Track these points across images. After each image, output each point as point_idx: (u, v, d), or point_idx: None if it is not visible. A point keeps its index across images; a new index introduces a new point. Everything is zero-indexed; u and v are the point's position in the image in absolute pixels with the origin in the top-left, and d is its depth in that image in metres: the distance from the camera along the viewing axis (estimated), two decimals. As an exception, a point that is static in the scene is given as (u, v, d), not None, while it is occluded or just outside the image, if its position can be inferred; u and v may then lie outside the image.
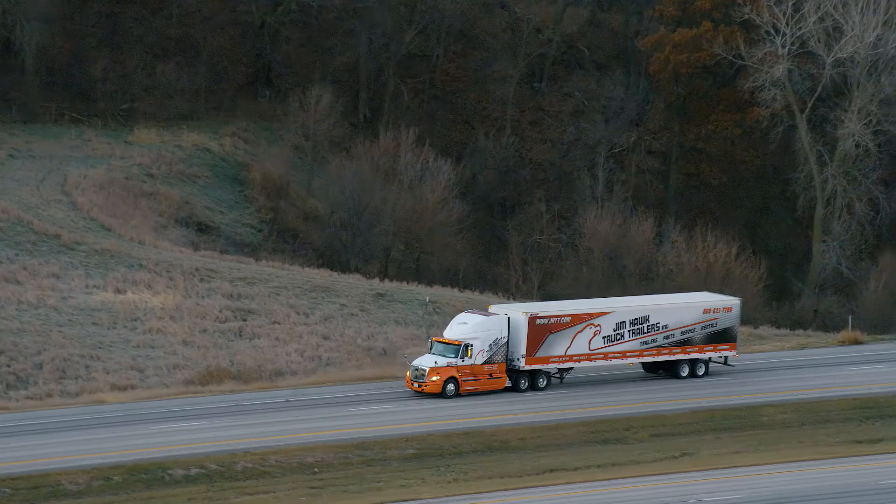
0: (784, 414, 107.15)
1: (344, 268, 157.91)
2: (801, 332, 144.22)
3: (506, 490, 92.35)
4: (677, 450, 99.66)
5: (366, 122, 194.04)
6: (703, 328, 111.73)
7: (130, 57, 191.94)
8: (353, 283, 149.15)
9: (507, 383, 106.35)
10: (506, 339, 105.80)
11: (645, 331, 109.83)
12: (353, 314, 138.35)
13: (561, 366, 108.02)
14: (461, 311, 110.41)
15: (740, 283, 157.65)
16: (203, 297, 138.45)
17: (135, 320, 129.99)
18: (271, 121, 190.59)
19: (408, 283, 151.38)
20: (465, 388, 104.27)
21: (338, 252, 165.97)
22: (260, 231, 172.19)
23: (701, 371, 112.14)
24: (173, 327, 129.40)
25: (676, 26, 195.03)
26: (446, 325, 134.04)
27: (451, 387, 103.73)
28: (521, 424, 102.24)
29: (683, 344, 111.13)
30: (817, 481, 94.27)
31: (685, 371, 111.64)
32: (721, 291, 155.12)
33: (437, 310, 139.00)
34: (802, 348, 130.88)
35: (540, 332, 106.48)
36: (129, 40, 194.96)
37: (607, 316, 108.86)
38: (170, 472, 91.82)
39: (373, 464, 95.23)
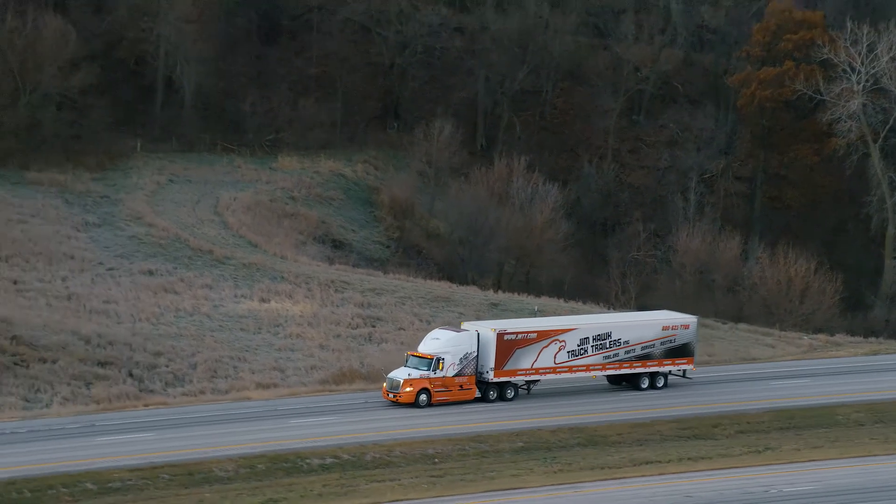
0: (858, 413, 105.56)
1: (462, 280, 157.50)
2: (873, 339, 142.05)
3: (606, 479, 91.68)
4: (760, 445, 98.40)
5: (482, 150, 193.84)
6: (662, 344, 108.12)
7: (276, 94, 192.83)
8: (470, 293, 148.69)
9: (477, 394, 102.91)
10: (475, 354, 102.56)
11: (607, 346, 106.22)
12: (467, 321, 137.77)
13: (528, 378, 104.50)
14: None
15: (818, 295, 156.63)
16: (337, 306, 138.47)
17: (277, 326, 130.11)
18: (398, 150, 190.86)
19: (518, 293, 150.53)
20: (436, 398, 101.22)
21: (456, 266, 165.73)
22: (388, 247, 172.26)
23: (660, 383, 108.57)
24: (311, 333, 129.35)
25: (761, 65, 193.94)
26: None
27: (423, 397, 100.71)
28: (619, 422, 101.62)
29: (644, 358, 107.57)
30: (887, 474, 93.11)
31: (645, 383, 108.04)
32: (801, 303, 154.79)
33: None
34: (874, 354, 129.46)
35: (508, 346, 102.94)
36: (274, 79, 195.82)
37: (572, 332, 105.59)
38: (307, 461, 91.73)
39: (486, 455, 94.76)
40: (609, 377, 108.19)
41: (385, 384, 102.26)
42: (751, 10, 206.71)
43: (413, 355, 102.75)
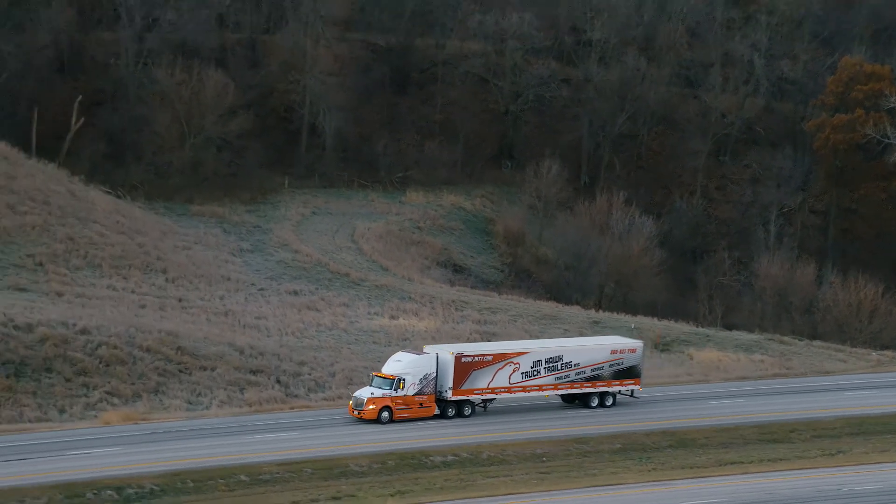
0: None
1: (567, 301, 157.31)
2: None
3: (695, 478, 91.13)
4: (833, 449, 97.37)
5: (585, 187, 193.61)
6: (610, 366, 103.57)
7: (405, 137, 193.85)
8: (574, 312, 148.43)
9: (437, 411, 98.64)
10: (434, 375, 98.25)
11: (559, 368, 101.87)
12: (574, 336, 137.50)
13: (484, 397, 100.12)
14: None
15: (885, 316, 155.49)
16: (457, 323, 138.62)
17: (405, 340, 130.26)
18: (512, 186, 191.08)
19: (617, 313, 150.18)
20: (398, 415, 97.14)
21: (562, 288, 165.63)
22: (502, 271, 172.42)
23: (609, 402, 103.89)
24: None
25: (835, 112, 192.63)
26: (649, 347, 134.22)
27: (385, 414, 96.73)
28: (706, 426, 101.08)
29: (593, 379, 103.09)
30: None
31: (595, 402, 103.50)
32: (869, 323, 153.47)
33: (640, 335, 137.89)
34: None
35: (465, 368, 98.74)
36: (404, 124, 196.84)
37: (526, 355, 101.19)
38: (431, 458, 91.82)
39: (588, 455, 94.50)
40: (562, 396, 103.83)
41: (351, 402, 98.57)
42: (825, 64, 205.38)
43: (377, 376, 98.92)
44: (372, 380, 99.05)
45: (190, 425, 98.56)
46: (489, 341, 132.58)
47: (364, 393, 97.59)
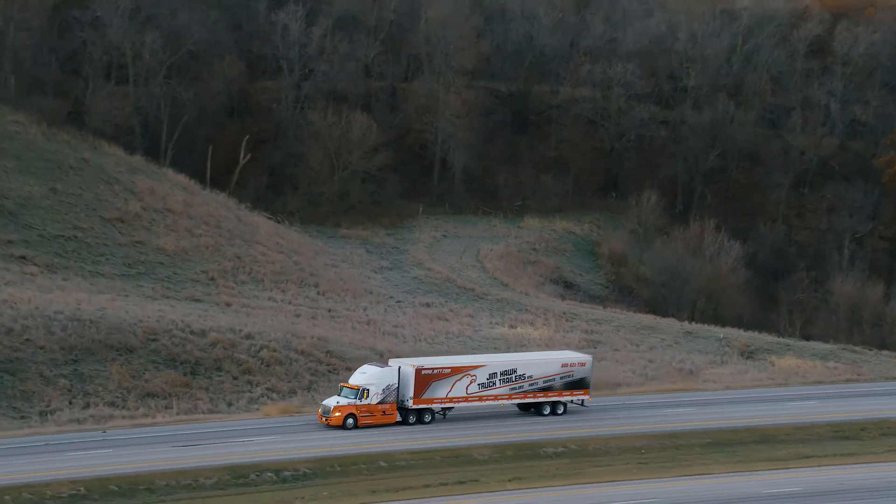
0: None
1: (664, 314, 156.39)
2: None
3: (776, 469, 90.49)
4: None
5: (680, 214, 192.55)
6: (561, 378, 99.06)
7: (523, 171, 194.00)
8: (670, 324, 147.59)
9: (399, 419, 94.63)
10: (396, 385, 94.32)
11: (513, 380, 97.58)
12: (669, 345, 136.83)
13: (443, 406, 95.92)
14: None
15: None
16: (567, 332, 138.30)
17: (522, 346, 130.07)
18: (616, 213, 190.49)
19: (707, 325, 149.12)
20: (362, 422, 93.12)
21: (659, 303, 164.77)
22: (606, 287, 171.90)
23: (560, 410, 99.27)
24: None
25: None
26: (735, 354, 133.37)
27: (350, 420, 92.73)
28: (785, 425, 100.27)
29: (546, 390, 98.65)
30: None
31: (547, 410, 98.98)
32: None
33: (728, 344, 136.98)
34: None
35: (425, 379, 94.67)
36: (522, 160, 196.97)
37: (482, 368, 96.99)
38: (544, 449, 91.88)
39: (681, 448, 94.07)
40: (518, 405, 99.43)
41: (320, 409, 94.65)
42: (893, 108, 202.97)
43: (344, 386, 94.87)
44: (340, 390, 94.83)
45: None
46: (595, 348, 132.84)
47: (331, 401, 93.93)
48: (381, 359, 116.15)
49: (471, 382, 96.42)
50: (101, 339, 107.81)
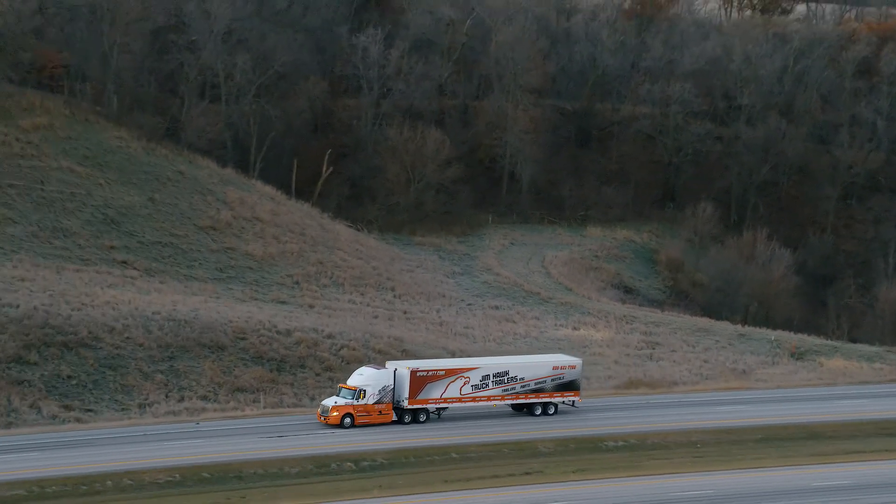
0: None
1: (718, 317, 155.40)
2: None
3: (824, 463, 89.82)
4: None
5: (734, 224, 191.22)
6: (552, 380, 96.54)
7: (586, 183, 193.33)
8: (724, 327, 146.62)
9: (394, 418, 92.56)
10: (392, 386, 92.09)
11: (506, 381, 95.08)
12: (723, 347, 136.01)
13: (437, 406, 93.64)
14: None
15: None
16: (627, 334, 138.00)
17: (584, 347, 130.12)
18: (673, 223, 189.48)
19: (759, 328, 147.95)
20: (359, 421, 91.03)
21: (714, 307, 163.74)
22: (664, 292, 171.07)
23: (551, 411, 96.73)
24: (608, 352, 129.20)
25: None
26: (786, 355, 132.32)
27: (347, 420, 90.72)
28: (833, 422, 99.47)
29: (537, 391, 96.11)
30: None
31: (538, 411, 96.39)
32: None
33: (779, 346, 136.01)
34: None
35: (420, 381, 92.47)
36: (585, 172, 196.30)
37: (475, 370, 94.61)
38: (605, 443, 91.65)
39: (735, 443, 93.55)
40: (511, 405, 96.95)
41: (319, 409, 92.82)
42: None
43: (343, 387, 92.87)
44: (339, 391, 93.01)
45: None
46: (653, 349, 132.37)
47: (330, 401, 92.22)
48: (454, 357, 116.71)
49: (464, 384, 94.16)
50: (194, 338, 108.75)
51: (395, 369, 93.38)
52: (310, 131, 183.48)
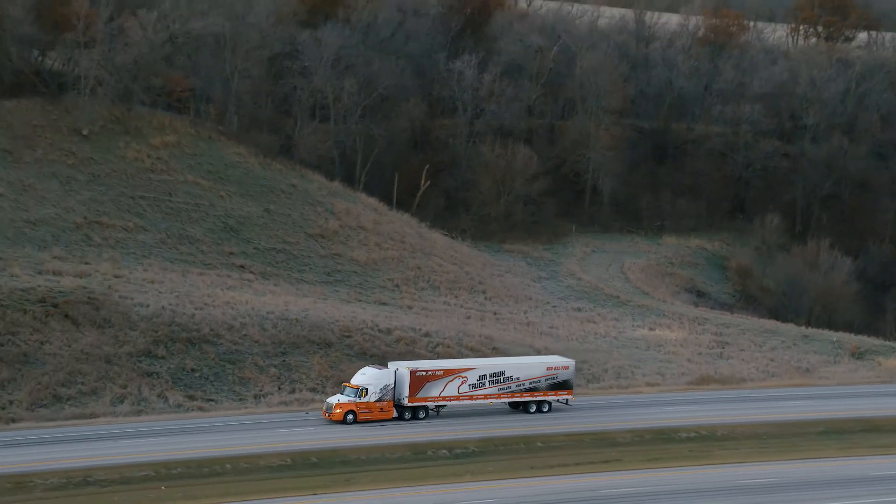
0: None
1: (783, 319, 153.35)
2: None
3: (882, 455, 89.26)
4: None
5: (798, 234, 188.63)
6: (546, 380, 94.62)
7: (662, 196, 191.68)
8: (789, 328, 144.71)
9: (395, 415, 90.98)
10: (393, 385, 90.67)
11: (502, 381, 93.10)
12: (788, 347, 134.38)
13: (436, 404, 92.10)
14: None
15: None
16: (699, 335, 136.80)
17: (659, 346, 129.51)
18: (742, 233, 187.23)
19: (822, 329, 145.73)
20: (361, 417, 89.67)
21: (780, 310, 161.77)
22: (734, 296, 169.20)
23: (545, 408, 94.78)
24: (682, 351, 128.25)
25: None
26: (846, 355, 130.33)
27: (350, 416, 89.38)
28: (891, 416, 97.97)
29: (531, 390, 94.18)
30: None
31: (533, 409, 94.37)
32: None
33: (840, 347, 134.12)
34: None
35: (420, 380, 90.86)
36: (661, 186, 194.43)
37: (472, 370, 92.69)
38: (678, 434, 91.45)
39: (797, 435, 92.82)
40: (508, 403, 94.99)
41: (324, 406, 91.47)
42: None
43: (347, 385, 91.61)
44: (343, 389, 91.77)
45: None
46: (723, 348, 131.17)
47: (334, 399, 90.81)
48: (539, 354, 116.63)
49: (462, 383, 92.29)
50: (304, 335, 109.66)
51: (396, 369, 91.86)
52: (410, 148, 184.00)
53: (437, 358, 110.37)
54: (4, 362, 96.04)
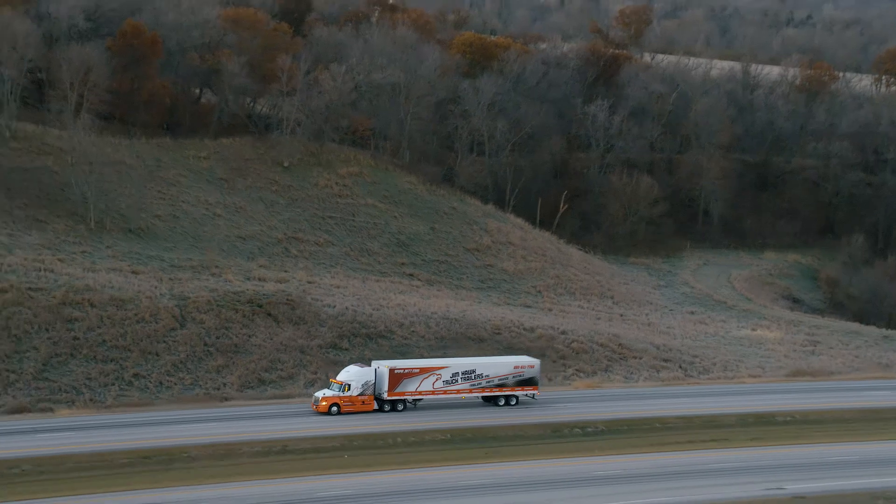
0: None
1: (867, 322, 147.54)
2: None
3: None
4: None
5: (880, 250, 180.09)
6: (514, 377, 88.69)
7: (764, 218, 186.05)
8: (871, 330, 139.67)
9: (375, 407, 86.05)
10: (373, 381, 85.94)
11: (473, 378, 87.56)
12: (871, 345, 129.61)
13: (413, 398, 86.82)
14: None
15: None
16: (794, 334, 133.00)
17: (760, 344, 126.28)
18: (832, 250, 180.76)
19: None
20: (344, 409, 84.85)
21: (865, 314, 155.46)
22: (824, 303, 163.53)
23: (513, 402, 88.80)
24: (779, 348, 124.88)
25: None
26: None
27: (334, 408, 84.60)
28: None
29: (500, 386, 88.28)
30: None
31: (501, 402, 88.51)
32: None
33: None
34: None
35: (398, 377, 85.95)
36: (762, 210, 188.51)
37: (445, 369, 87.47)
38: (775, 418, 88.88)
39: (880, 420, 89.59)
40: (479, 397, 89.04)
41: (312, 399, 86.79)
42: None
43: (333, 381, 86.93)
44: (330, 384, 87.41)
45: (625, 392, 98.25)
46: (814, 346, 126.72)
47: (321, 393, 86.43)
48: (658, 350, 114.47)
49: (437, 380, 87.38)
50: (462, 332, 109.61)
51: (377, 368, 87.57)
52: (551, 177, 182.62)
53: (573, 353, 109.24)
54: (220, 352, 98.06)
